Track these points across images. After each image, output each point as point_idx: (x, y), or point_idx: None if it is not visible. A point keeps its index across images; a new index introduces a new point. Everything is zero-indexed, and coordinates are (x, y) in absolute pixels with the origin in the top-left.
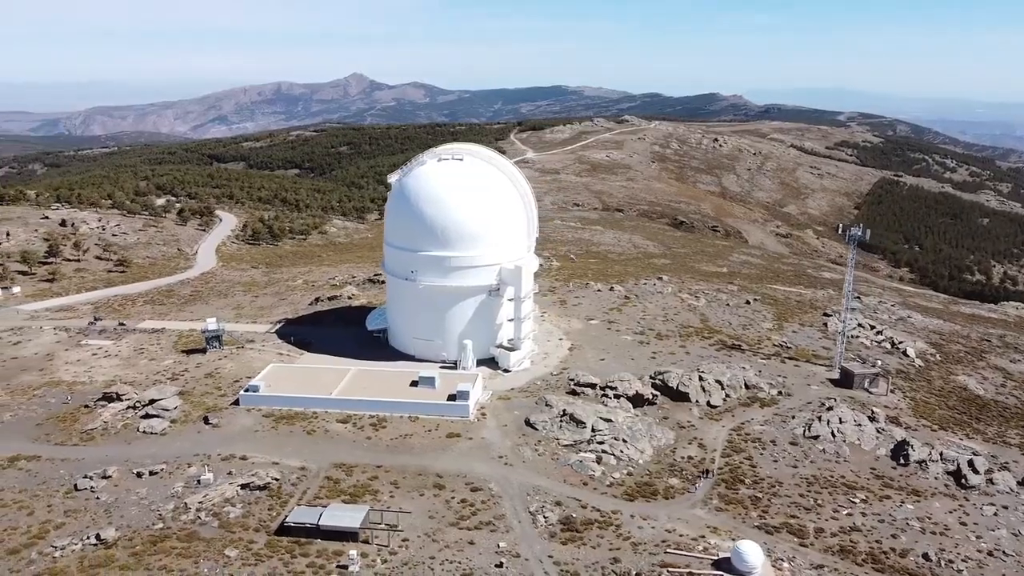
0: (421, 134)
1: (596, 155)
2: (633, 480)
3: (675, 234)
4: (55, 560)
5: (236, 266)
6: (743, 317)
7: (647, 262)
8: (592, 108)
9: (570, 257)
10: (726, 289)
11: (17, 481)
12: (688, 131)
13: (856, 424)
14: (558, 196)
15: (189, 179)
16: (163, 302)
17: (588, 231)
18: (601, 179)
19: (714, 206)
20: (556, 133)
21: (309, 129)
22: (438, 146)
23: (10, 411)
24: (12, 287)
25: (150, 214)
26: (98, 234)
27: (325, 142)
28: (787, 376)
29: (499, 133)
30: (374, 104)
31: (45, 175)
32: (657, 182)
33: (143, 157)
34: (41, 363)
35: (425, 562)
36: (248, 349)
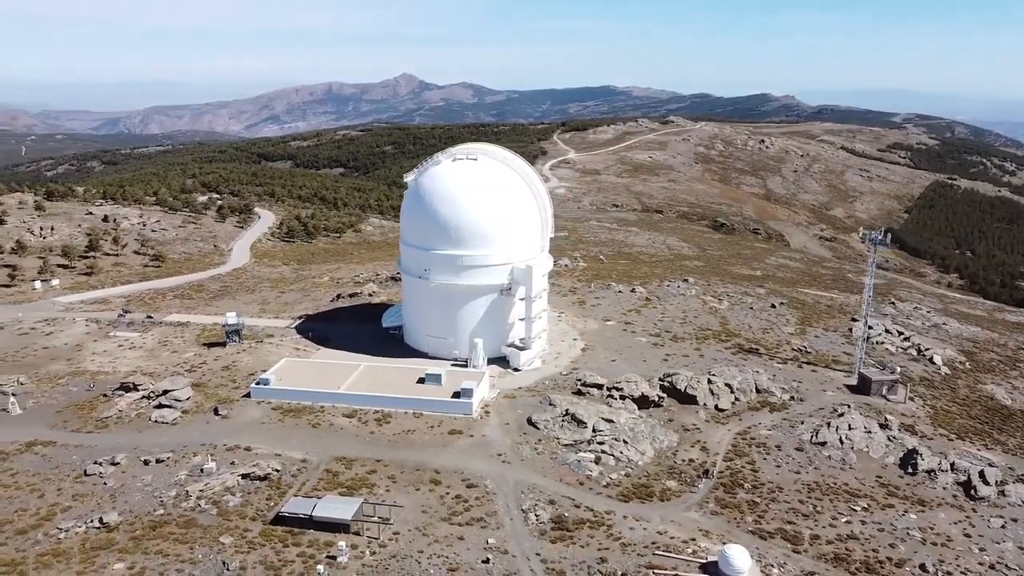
0: (465, 134)
1: (638, 156)
2: (630, 481)
3: (713, 236)
4: (59, 541)
5: (268, 263)
6: (765, 321)
7: (679, 264)
8: (640, 109)
9: (599, 258)
10: (753, 292)
11: (32, 465)
12: (734, 132)
13: (866, 431)
14: (597, 197)
15: (233, 177)
16: (192, 296)
17: (623, 232)
18: (642, 180)
19: (757, 208)
20: (599, 134)
21: (356, 129)
22: (454, 146)
23: (33, 398)
24: (51, 280)
25: (190, 211)
26: (138, 230)
27: (370, 141)
28: (802, 381)
29: (542, 133)
30: (423, 104)
31: (102, 172)
32: (699, 184)
33: (195, 155)
34: (70, 353)
35: (413, 555)
36: (266, 343)
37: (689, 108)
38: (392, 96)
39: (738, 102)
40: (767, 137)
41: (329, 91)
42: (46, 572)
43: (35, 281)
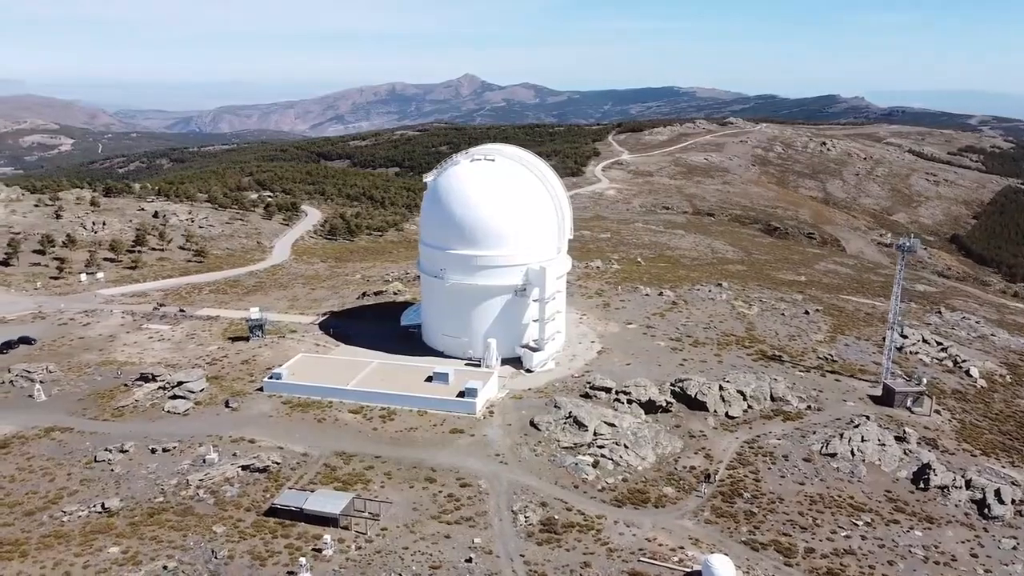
0: (519, 134)
1: (694, 158)
2: (627, 486)
3: (764, 240)
4: (62, 524)
5: (306, 260)
6: (794, 327)
7: (720, 268)
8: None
9: (637, 260)
10: (790, 298)
11: (47, 450)
12: (795, 134)
13: (880, 443)
14: (647, 199)
15: (287, 175)
16: (227, 292)
17: (668, 235)
18: (696, 182)
19: (813, 212)
20: (655, 135)
21: (413, 129)
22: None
23: (59, 386)
24: (97, 273)
25: (238, 208)
26: (185, 226)
27: (426, 141)
28: (823, 390)
29: (597, 134)
30: (484, 105)
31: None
32: (755, 186)
33: (257, 154)
34: (103, 344)
35: (398, 552)
36: (288, 339)
37: (753, 109)
38: (454, 97)
39: (805, 103)
40: (829, 139)
41: (392, 91)
42: (46, 553)
43: (81, 274)
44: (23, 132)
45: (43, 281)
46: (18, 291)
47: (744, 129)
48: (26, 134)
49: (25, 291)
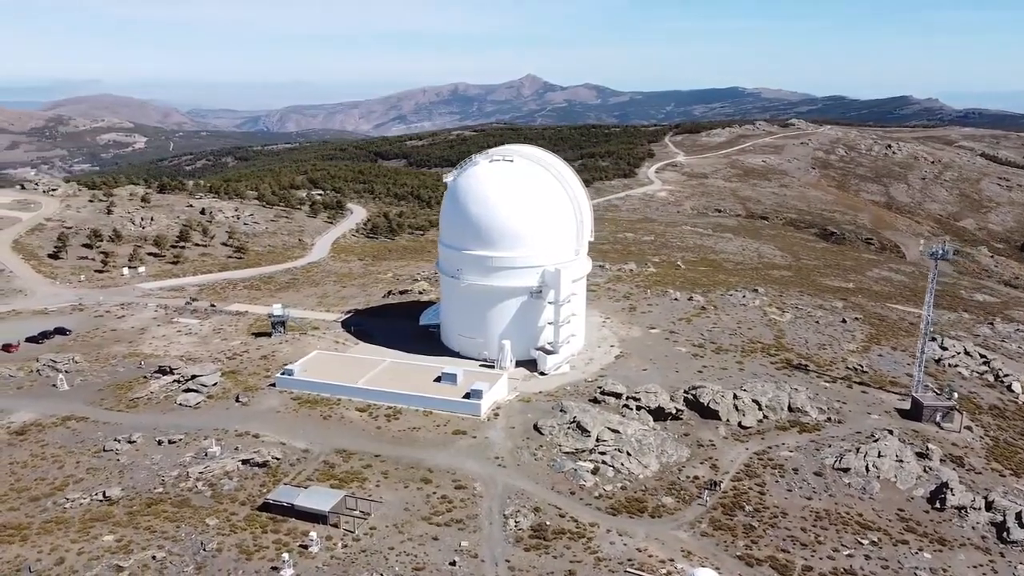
0: (574, 135)
1: (751, 160)
2: (625, 494)
3: (817, 245)
4: (64, 511)
5: (344, 258)
6: (827, 336)
7: (763, 273)
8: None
9: (676, 264)
10: (829, 305)
11: (61, 438)
12: (859, 136)
13: (897, 460)
14: (700, 201)
15: (339, 174)
16: (260, 288)
17: (715, 238)
18: (752, 185)
19: (874, 217)
20: (712, 136)
21: (470, 129)
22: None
23: (82, 376)
24: (139, 267)
25: (285, 206)
26: (231, 223)
27: (482, 142)
28: (847, 402)
29: (653, 135)
30: (545, 105)
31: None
32: (814, 190)
33: (318, 153)
34: (133, 336)
35: (383, 551)
36: (309, 335)
37: (821, 111)
38: (516, 97)
39: (875, 105)
40: (895, 142)
41: (455, 92)
42: (46, 538)
43: (124, 268)
44: (100, 130)
45: (87, 274)
46: (63, 283)
47: (806, 131)
48: (103, 132)
49: (69, 283)
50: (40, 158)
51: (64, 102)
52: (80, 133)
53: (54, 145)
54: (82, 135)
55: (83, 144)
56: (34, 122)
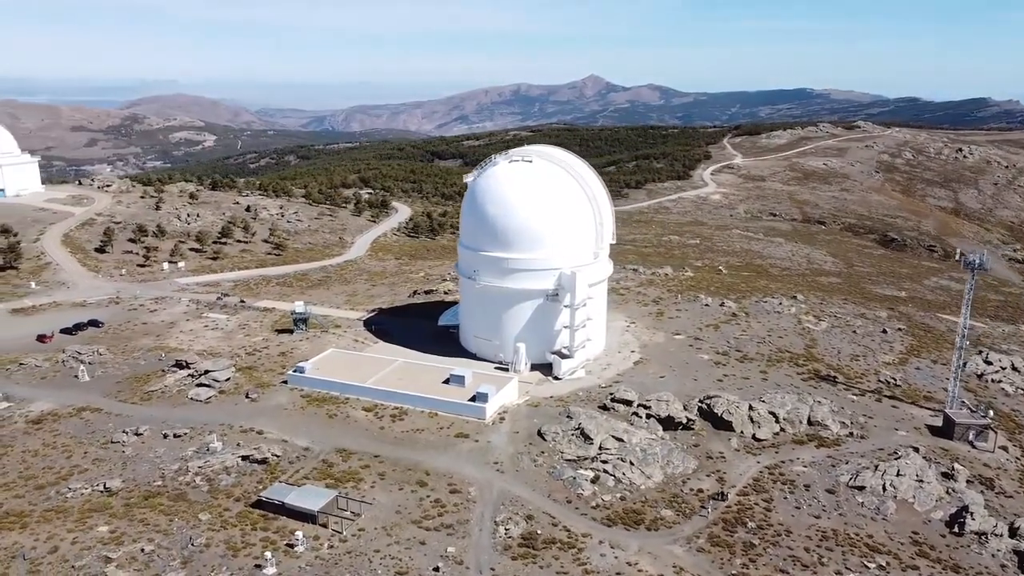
0: (631, 136)
1: (811, 163)
2: (623, 505)
3: (875, 252)
4: (65, 500)
5: (381, 256)
6: (862, 347)
7: (810, 279)
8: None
9: (718, 268)
10: (872, 314)
11: (73, 428)
12: (928, 139)
13: (917, 479)
14: (754, 204)
15: (391, 173)
16: (292, 285)
17: (764, 242)
18: (811, 188)
19: (939, 223)
20: (773, 138)
21: (527, 129)
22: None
23: (104, 368)
24: (178, 262)
25: (330, 204)
26: (274, 220)
27: (538, 142)
28: (874, 416)
29: (711, 137)
30: (608, 106)
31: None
32: (876, 194)
33: (377, 152)
34: (161, 330)
35: (368, 553)
36: (330, 333)
37: (892, 113)
38: (578, 98)
39: (950, 107)
40: (967, 145)
41: (517, 92)
42: (44, 526)
43: (164, 263)
44: (172, 129)
45: (129, 268)
46: (105, 277)
47: (872, 133)
48: (175, 131)
49: (111, 277)
50: (116, 155)
51: (140, 101)
52: (153, 131)
53: (129, 143)
54: (155, 133)
55: (156, 142)
56: (111, 120)
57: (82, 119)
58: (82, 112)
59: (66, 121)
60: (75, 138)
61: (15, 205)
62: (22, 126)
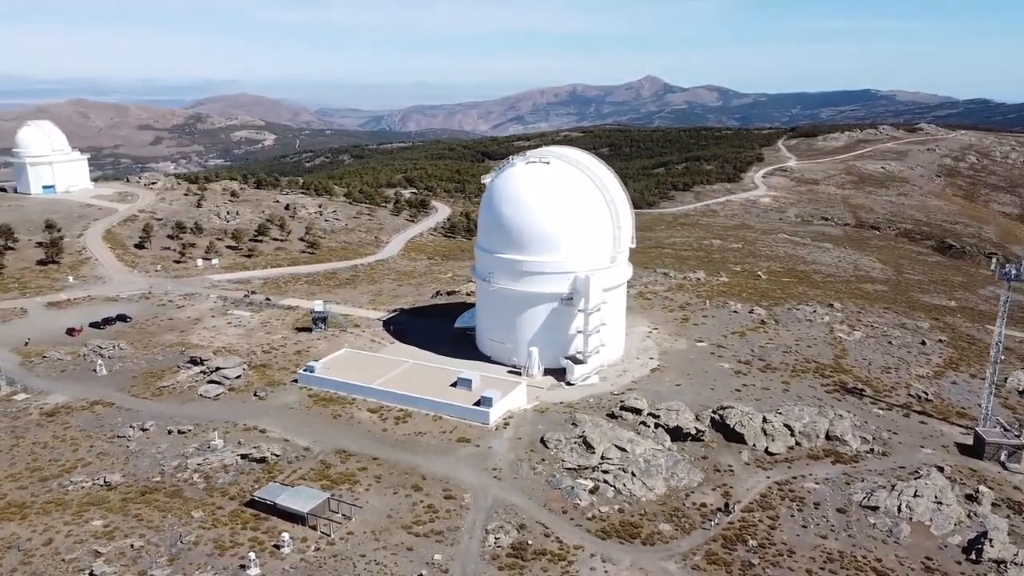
0: (683, 137)
1: (869, 166)
2: (620, 517)
3: (929, 259)
4: (66, 493)
5: (413, 256)
6: (896, 358)
7: (854, 287)
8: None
9: (758, 274)
10: (913, 325)
11: (84, 421)
12: (995, 142)
13: (935, 501)
14: (806, 208)
15: (436, 173)
16: (320, 283)
17: (811, 248)
18: (866, 193)
19: (1001, 230)
20: (829, 141)
21: (578, 130)
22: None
23: (122, 363)
24: (212, 259)
25: (369, 203)
26: (312, 218)
27: (588, 143)
28: (899, 432)
29: (766, 139)
30: (664, 107)
31: (349, 164)
32: (936, 199)
33: (428, 152)
34: (186, 326)
35: (353, 558)
36: (349, 333)
37: (961, 115)
38: (634, 99)
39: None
40: None
41: (573, 93)
42: (43, 518)
43: (199, 259)
44: (233, 128)
45: (164, 264)
46: (140, 272)
47: (934, 136)
48: (236, 130)
49: (146, 273)
50: (179, 153)
51: (204, 101)
52: (215, 130)
53: (192, 141)
54: (217, 132)
55: (218, 141)
56: (176, 120)
57: (148, 118)
58: (148, 111)
59: (133, 120)
60: (141, 136)
61: (64, 201)
62: (92, 124)
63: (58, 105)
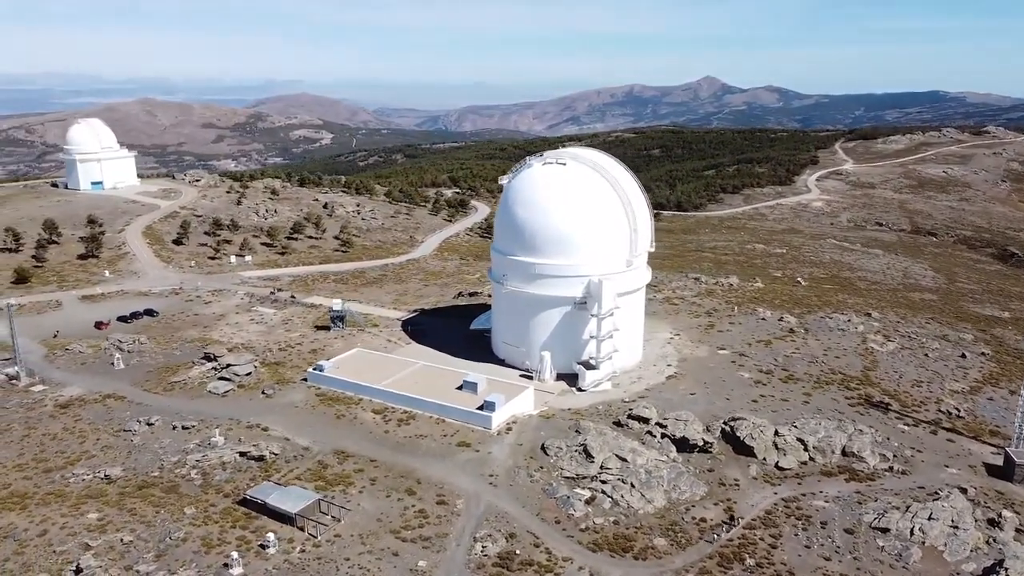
0: (736, 139)
1: (930, 170)
2: (615, 529)
3: (988, 267)
4: (67, 485)
5: (445, 256)
6: (931, 372)
7: (901, 295)
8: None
9: (798, 280)
10: (955, 336)
11: (94, 414)
12: None
13: (951, 525)
14: (859, 213)
15: (481, 173)
16: (347, 282)
17: (859, 254)
18: (926, 198)
19: None
20: (889, 143)
21: (630, 131)
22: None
23: (140, 357)
24: (246, 256)
25: (408, 203)
26: (349, 217)
27: (639, 144)
28: (924, 450)
29: (822, 141)
30: (723, 108)
31: (402, 164)
32: (1000, 205)
33: (478, 152)
34: (210, 321)
35: (337, 561)
36: (367, 333)
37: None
38: (692, 99)
39: None
40: None
41: (630, 93)
42: (42, 509)
43: (232, 256)
44: (292, 127)
45: (199, 260)
46: (175, 268)
47: (1002, 139)
48: (295, 129)
49: (180, 268)
50: (240, 151)
51: (266, 100)
52: (275, 129)
53: (252, 140)
54: (276, 131)
55: (277, 139)
56: (237, 118)
57: (211, 116)
58: (212, 110)
59: (197, 118)
60: (204, 134)
61: (110, 197)
62: (158, 122)
63: (127, 104)
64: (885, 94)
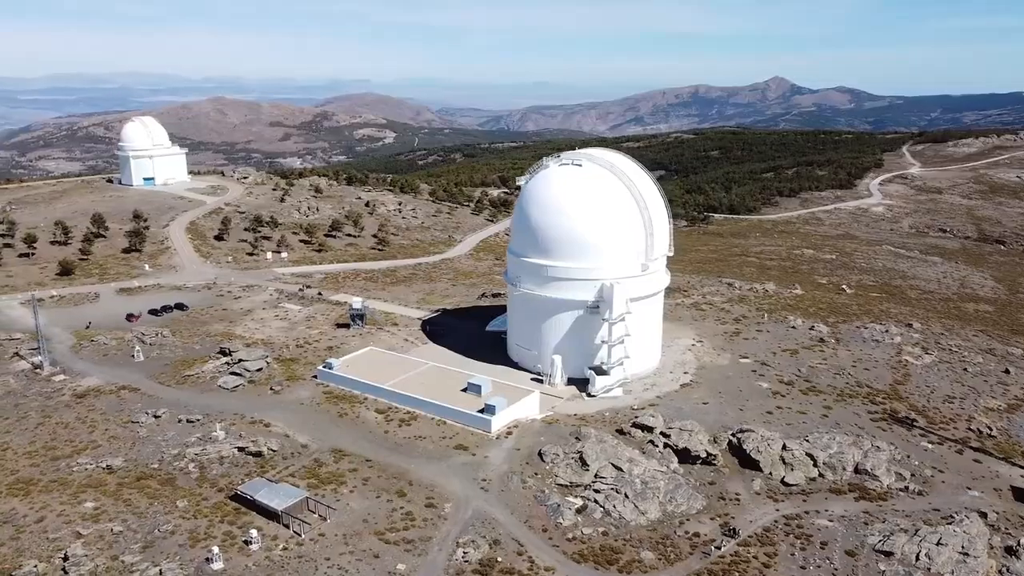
0: (799, 141)
1: (1003, 175)
2: (602, 541)
3: None
4: (70, 474)
5: (480, 256)
6: (967, 387)
7: (954, 306)
8: None
9: (843, 287)
10: (1003, 350)
11: (107, 405)
12: None
13: (962, 552)
14: (922, 219)
15: None
16: (376, 280)
17: (915, 261)
18: (996, 204)
19: None
20: (960, 147)
21: (691, 132)
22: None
23: (160, 349)
24: (282, 252)
25: (451, 202)
26: (389, 215)
27: (698, 145)
28: (945, 471)
29: (888, 144)
30: (791, 109)
31: (461, 163)
32: None
33: (536, 152)
34: (236, 317)
35: (317, 560)
36: (385, 331)
37: None
38: (760, 100)
39: None
40: None
41: (695, 94)
42: (43, 496)
43: (268, 252)
44: (357, 126)
45: (237, 256)
46: (213, 263)
47: None
48: (359, 127)
49: (217, 264)
50: (305, 149)
51: (333, 99)
52: (340, 128)
53: (318, 138)
54: (341, 130)
55: (341, 138)
56: (304, 117)
57: (279, 115)
58: (280, 108)
59: (266, 117)
60: (272, 132)
61: (160, 193)
62: (228, 120)
63: (200, 103)
64: (963, 95)
